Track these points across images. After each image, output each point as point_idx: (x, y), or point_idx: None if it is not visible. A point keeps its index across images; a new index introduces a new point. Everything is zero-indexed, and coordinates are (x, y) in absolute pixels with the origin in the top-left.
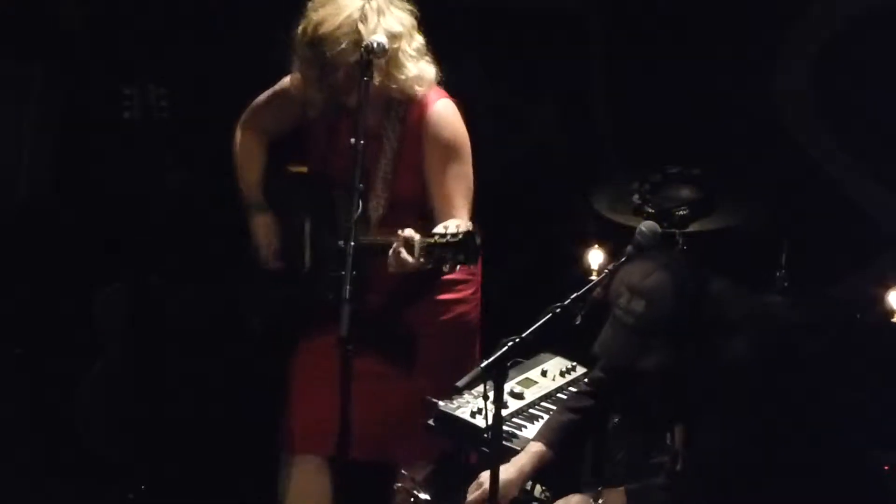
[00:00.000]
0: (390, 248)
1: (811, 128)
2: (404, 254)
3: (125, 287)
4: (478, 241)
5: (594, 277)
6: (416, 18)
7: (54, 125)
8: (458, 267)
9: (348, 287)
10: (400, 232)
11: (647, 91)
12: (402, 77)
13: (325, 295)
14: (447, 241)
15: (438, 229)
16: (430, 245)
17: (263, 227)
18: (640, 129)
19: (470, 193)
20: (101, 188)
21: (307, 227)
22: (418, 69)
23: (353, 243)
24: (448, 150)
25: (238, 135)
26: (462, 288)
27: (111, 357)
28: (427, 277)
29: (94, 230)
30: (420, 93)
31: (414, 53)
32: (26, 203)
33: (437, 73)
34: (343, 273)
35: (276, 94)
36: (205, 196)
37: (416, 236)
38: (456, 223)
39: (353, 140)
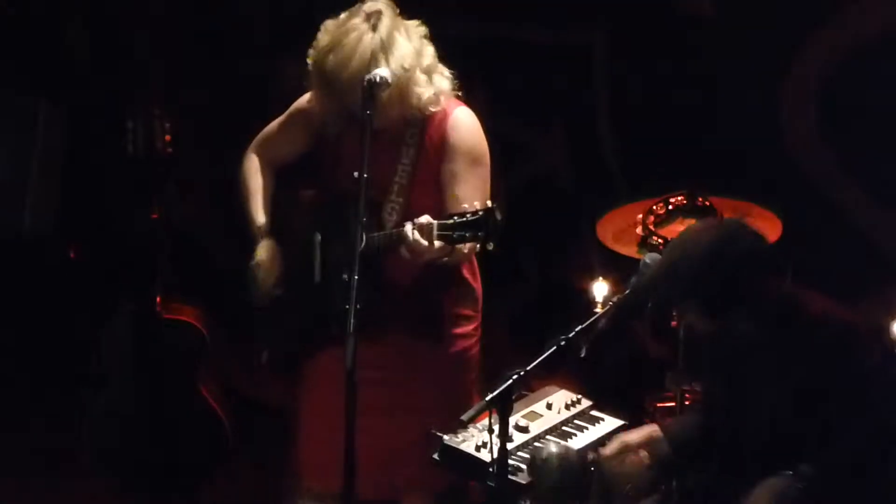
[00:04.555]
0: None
1: (816, 153)
2: (419, 237)
3: (129, 319)
4: (498, 216)
5: (598, 310)
6: (424, 34)
7: (58, 157)
8: (475, 247)
9: (352, 320)
10: (416, 220)
11: (652, 119)
12: (416, 100)
13: (331, 327)
14: (466, 219)
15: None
16: (448, 225)
17: (266, 254)
18: (645, 158)
19: (486, 200)
20: (105, 220)
21: (317, 241)
22: (434, 87)
23: (356, 277)
24: (468, 156)
25: (246, 161)
26: (464, 323)
27: (116, 387)
28: (441, 275)
29: (98, 262)
30: (437, 108)
31: (426, 76)
32: (30, 234)
33: (452, 82)
34: (347, 307)
35: (289, 118)
36: (209, 228)
37: (434, 221)
38: (475, 204)
39: (356, 174)
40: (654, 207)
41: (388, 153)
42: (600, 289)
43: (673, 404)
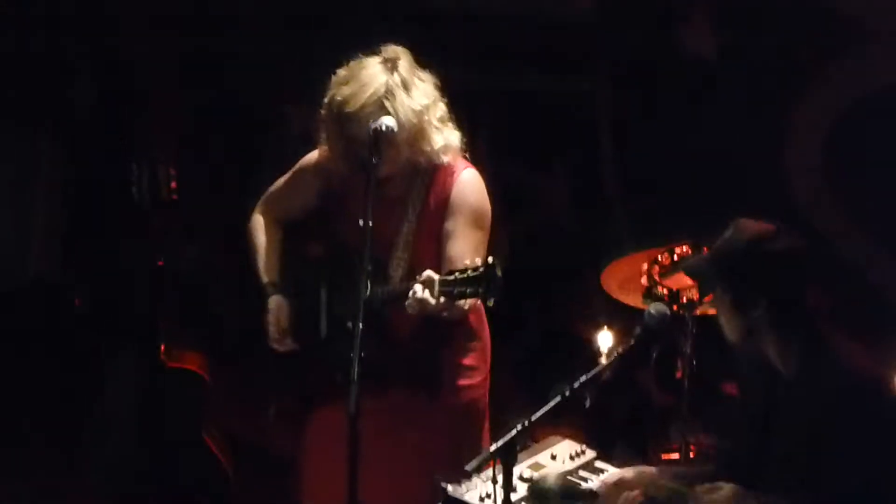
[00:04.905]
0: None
1: (822, 203)
2: (423, 293)
3: (133, 366)
4: (499, 272)
5: (603, 360)
6: (438, 86)
7: (61, 203)
8: (475, 302)
9: (356, 368)
10: (418, 276)
11: (658, 166)
12: (428, 148)
13: (333, 374)
14: (467, 275)
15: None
16: (449, 281)
17: (275, 308)
18: (650, 205)
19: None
20: (110, 268)
21: (323, 296)
22: (444, 138)
23: (361, 325)
24: (470, 217)
25: (253, 218)
26: (471, 374)
27: (119, 434)
28: (445, 327)
29: (102, 310)
30: (446, 161)
31: (438, 124)
32: (36, 279)
33: (461, 140)
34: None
35: (293, 176)
36: (215, 274)
37: (436, 276)
38: (476, 261)
39: (361, 222)
40: (659, 258)
41: (394, 209)
42: (605, 338)
43: (677, 456)
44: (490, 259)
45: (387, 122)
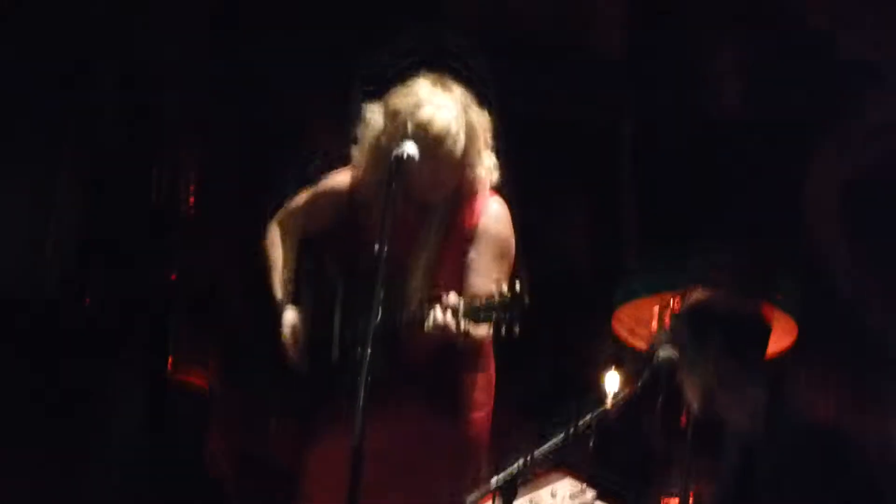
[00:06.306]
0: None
1: (839, 251)
2: (447, 314)
3: (139, 377)
4: (526, 301)
5: (610, 401)
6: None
7: (81, 204)
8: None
9: (362, 396)
10: (443, 297)
11: (676, 211)
12: (480, 171)
13: (340, 400)
14: (494, 301)
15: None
16: (476, 307)
17: (290, 323)
18: (666, 249)
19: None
20: (122, 277)
21: (337, 319)
22: (489, 164)
23: (369, 350)
24: (496, 249)
25: (270, 232)
26: (480, 406)
27: (122, 443)
28: (458, 356)
29: (112, 317)
30: (481, 187)
31: (485, 148)
32: (47, 279)
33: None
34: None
35: (313, 197)
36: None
37: (461, 300)
38: (503, 288)
39: (377, 248)
40: (671, 302)
41: (416, 234)
42: (612, 379)
43: (677, 501)
44: (517, 286)
45: (409, 150)
